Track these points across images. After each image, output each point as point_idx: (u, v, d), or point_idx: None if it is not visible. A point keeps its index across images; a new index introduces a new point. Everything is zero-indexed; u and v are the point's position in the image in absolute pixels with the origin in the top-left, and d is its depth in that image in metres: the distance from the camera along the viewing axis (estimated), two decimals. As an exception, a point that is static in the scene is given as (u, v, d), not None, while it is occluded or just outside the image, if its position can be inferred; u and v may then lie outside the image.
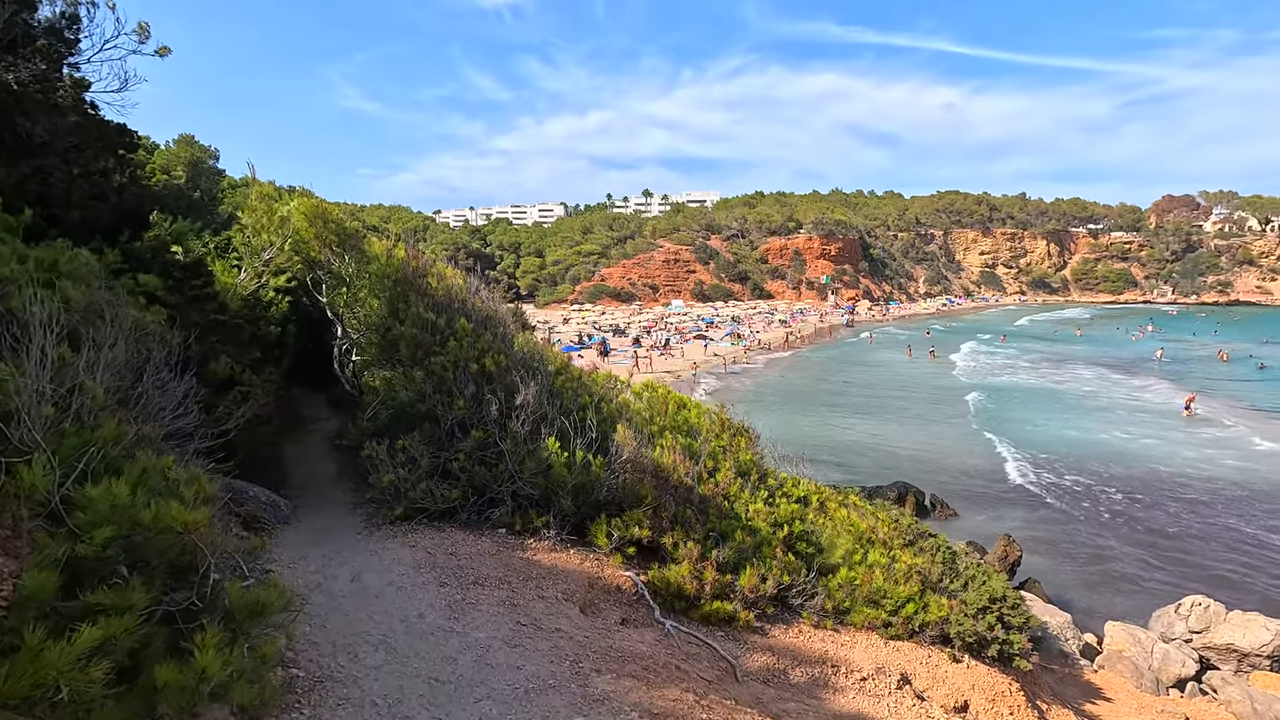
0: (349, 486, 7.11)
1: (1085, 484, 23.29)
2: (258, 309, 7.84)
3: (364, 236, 8.28)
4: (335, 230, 7.88)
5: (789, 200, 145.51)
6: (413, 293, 6.80)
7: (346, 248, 7.89)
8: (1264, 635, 10.53)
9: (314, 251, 7.98)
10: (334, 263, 7.95)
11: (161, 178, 14.73)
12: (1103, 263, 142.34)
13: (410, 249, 7.53)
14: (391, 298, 6.93)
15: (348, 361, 9.00)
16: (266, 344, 7.73)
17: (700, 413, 8.91)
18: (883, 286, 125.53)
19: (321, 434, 9.73)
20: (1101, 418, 34.12)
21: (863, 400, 38.27)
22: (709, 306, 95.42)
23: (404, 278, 6.91)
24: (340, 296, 8.38)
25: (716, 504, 6.85)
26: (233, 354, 6.51)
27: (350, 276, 7.99)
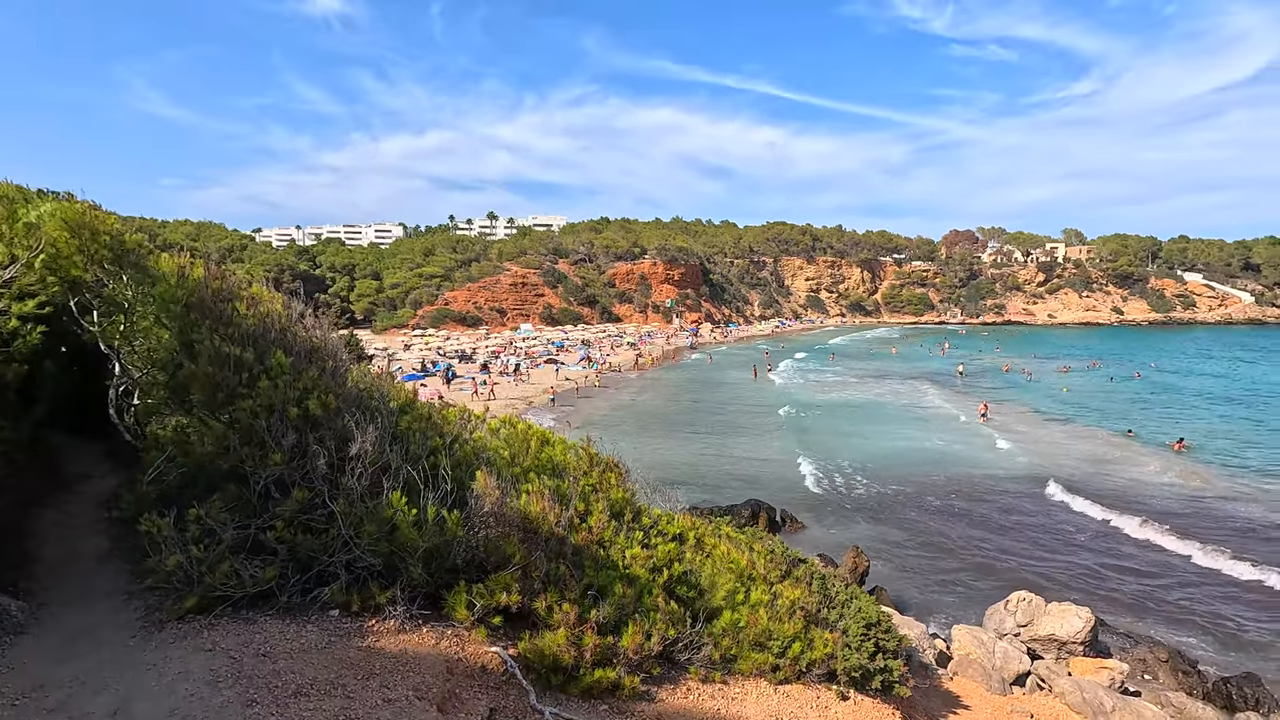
0: (123, 569, 5.56)
1: (911, 490, 25.33)
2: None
3: (149, 253, 6.69)
4: (108, 244, 6.27)
5: (634, 226, 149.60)
6: (211, 321, 5.47)
7: (124, 266, 6.30)
8: (1077, 623, 11.66)
9: (77, 270, 6.29)
10: (106, 284, 6.32)
11: None
12: (906, 288, 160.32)
13: (211, 268, 6.13)
14: (183, 327, 5.55)
15: (127, 406, 7.27)
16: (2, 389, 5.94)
17: (566, 449, 8.19)
18: (722, 310, 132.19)
19: (92, 497, 7.77)
20: (920, 427, 37.77)
21: (713, 419, 39.42)
22: (559, 330, 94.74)
23: (199, 302, 5.56)
24: (116, 326, 6.71)
25: (591, 553, 6.16)
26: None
27: (129, 301, 6.39)
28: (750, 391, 51.31)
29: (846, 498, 24.61)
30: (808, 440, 33.94)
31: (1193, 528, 21.08)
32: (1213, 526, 21.28)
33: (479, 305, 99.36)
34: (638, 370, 64.56)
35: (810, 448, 32.19)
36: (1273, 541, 19.93)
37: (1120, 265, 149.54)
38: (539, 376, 55.52)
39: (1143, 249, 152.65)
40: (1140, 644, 12.96)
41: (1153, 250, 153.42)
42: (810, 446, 32.45)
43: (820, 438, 34.56)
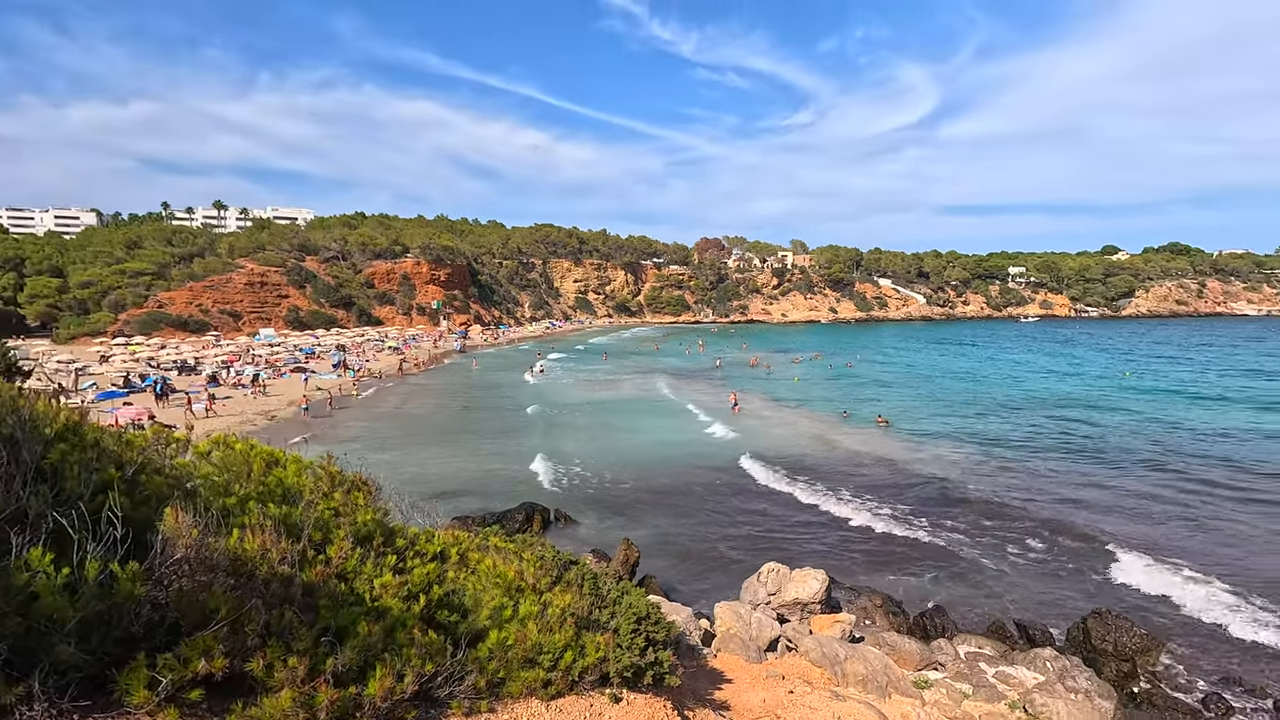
0: None
1: (674, 478, 26.92)
2: None
3: None
4: None
5: (394, 223, 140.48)
6: None
7: None
8: (815, 585, 13.12)
9: None
10: None
11: None
12: (665, 290, 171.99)
13: None
14: None
15: None
16: None
17: (300, 469, 7.02)
18: (492, 311, 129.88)
19: None
20: (680, 418, 40.47)
21: (485, 424, 38.23)
22: (308, 335, 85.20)
23: None
24: None
25: (330, 590, 5.26)
26: None
27: None
28: (523, 393, 50.85)
29: (618, 491, 25.35)
30: (580, 437, 34.47)
31: (897, 492, 25.27)
32: (911, 488, 25.72)
33: (205, 308, 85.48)
34: (402, 376, 60.49)
35: (582, 444, 32.71)
36: (957, 502, 24.66)
37: (834, 272, 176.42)
38: (284, 387, 49.25)
39: (850, 258, 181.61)
40: (862, 595, 15.09)
41: (857, 259, 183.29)
42: (582, 443, 32.97)
43: (591, 434, 35.32)
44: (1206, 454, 30.55)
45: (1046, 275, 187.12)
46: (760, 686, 8.78)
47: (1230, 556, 18.69)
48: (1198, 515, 22.16)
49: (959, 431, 36.35)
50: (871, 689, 9.46)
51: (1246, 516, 21.98)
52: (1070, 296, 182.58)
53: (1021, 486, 25.72)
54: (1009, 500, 23.95)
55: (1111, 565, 18.15)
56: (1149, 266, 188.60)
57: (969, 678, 10.98)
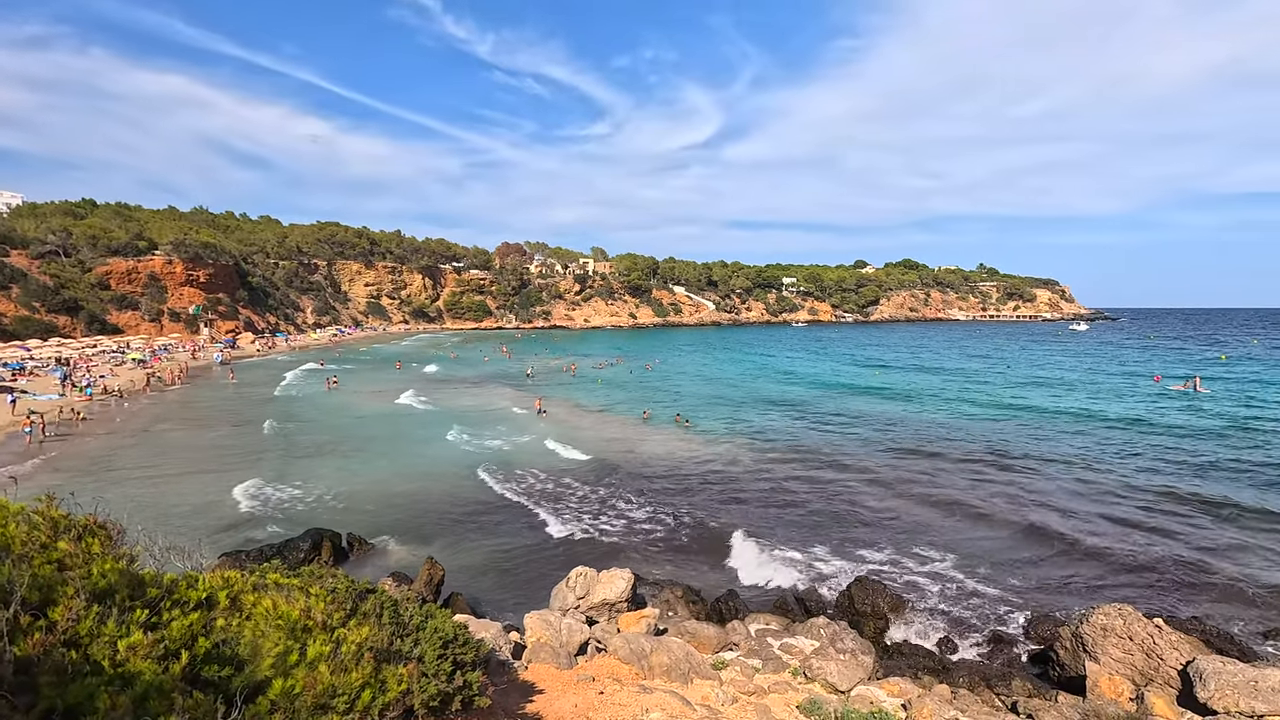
0: None
1: (485, 488, 26.20)
2: None
3: None
4: None
5: (136, 215, 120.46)
6: None
7: None
8: (621, 585, 13.54)
9: None
10: None
11: None
12: (466, 295, 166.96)
13: None
14: None
15: None
16: None
17: (7, 516, 5.73)
18: (267, 317, 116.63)
19: None
20: (490, 427, 39.44)
21: (258, 444, 34.06)
22: (15, 346, 69.56)
23: None
24: None
25: (54, 662, 4.34)
26: None
27: None
28: (301, 406, 46.13)
29: (418, 508, 24.04)
30: (371, 452, 32.12)
31: (694, 488, 26.96)
32: (706, 483, 27.59)
33: None
34: (148, 392, 51.80)
35: (373, 459, 30.52)
36: (750, 491, 26.85)
37: (633, 279, 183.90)
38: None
39: (647, 266, 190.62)
40: (665, 588, 15.87)
41: (653, 268, 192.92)
42: (373, 458, 30.76)
43: (384, 447, 33.08)
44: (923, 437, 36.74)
45: (812, 285, 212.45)
46: (572, 691, 8.85)
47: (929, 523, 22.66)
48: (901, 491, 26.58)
49: (747, 427, 39.80)
50: (675, 677, 9.99)
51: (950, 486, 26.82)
52: (831, 304, 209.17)
53: (801, 472, 28.85)
54: (790, 484, 26.75)
55: (872, 536, 21.07)
56: (889, 279, 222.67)
57: (759, 653, 12.06)
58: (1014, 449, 33.35)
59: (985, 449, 33.43)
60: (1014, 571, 18.43)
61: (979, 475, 28.49)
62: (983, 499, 25.03)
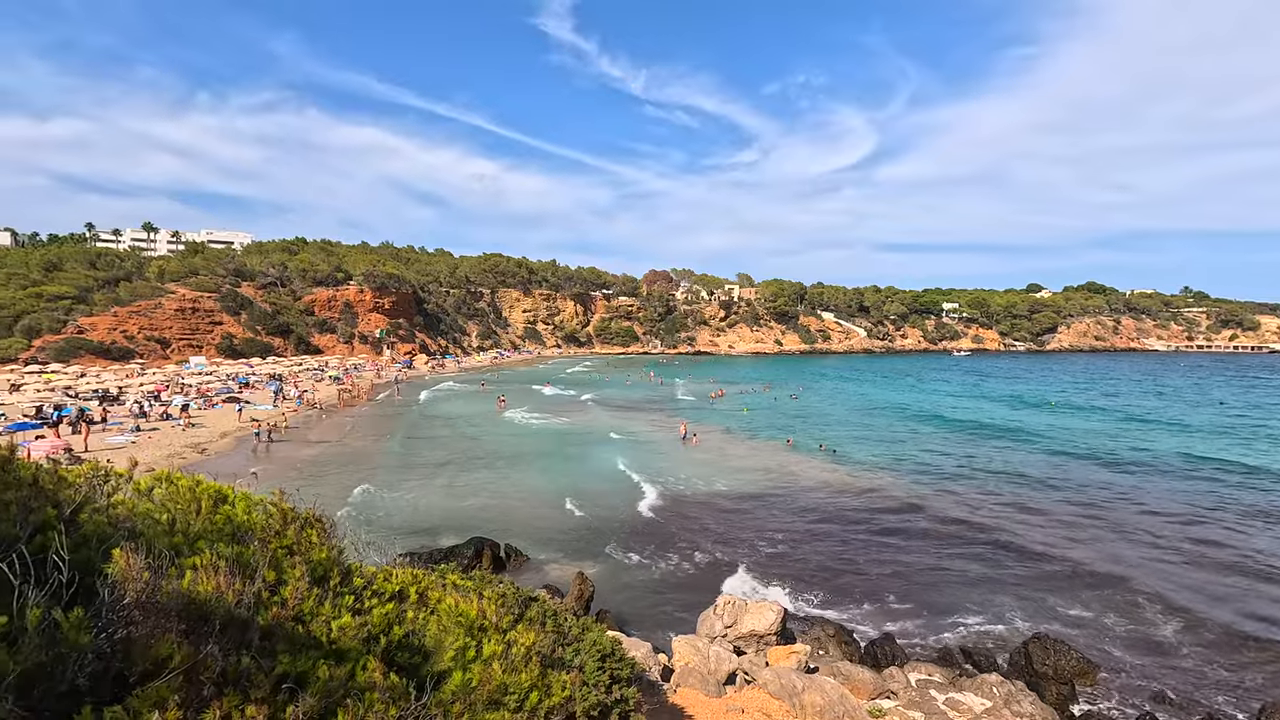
0: None
1: (631, 510, 26.77)
2: None
3: None
4: None
5: (336, 249, 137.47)
6: None
7: None
8: (770, 617, 13.20)
9: None
10: None
11: None
12: (615, 321, 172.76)
13: None
14: None
15: None
16: None
17: (250, 506, 6.75)
18: (438, 340, 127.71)
19: None
20: (640, 449, 40.37)
21: (433, 456, 37.29)
22: (242, 364, 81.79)
23: None
24: None
25: (287, 633, 5.04)
26: None
27: None
28: (471, 425, 49.90)
29: (570, 524, 25.03)
30: (530, 470, 33.97)
31: (842, 519, 25.76)
32: (857, 516, 26.26)
33: (130, 334, 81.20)
34: (343, 406, 58.59)
35: (533, 476, 32.23)
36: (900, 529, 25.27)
37: (779, 305, 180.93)
38: (215, 418, 47.00)
39: (793, 292, 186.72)
40: (816, 625, 15.24)
41: (800, 293, 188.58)
42: (533, 475, 32.50)
43: (542, 466, 34.85)
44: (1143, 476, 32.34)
45: (977, 311, 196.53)
46: (719, 718, 8.75)
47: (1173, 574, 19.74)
48: (1104, 529, 23.37)
49: (898, 459, 37.44)
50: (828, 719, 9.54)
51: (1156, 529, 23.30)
52: (999, 331, 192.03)
53: (961, 511, 26.60)
54: (950, 524, 24.73)
55: (1049, 589, 18.90)
56: (1069, 304, 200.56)
57: (921, 705, 11.19)
58: (1238, 507, 28.54)
59: (1198, 503, 28.90)
60: (1235, 650, 15.68)
61: (1192, 531, 24.65)
62: (1193, 559, 21.61)
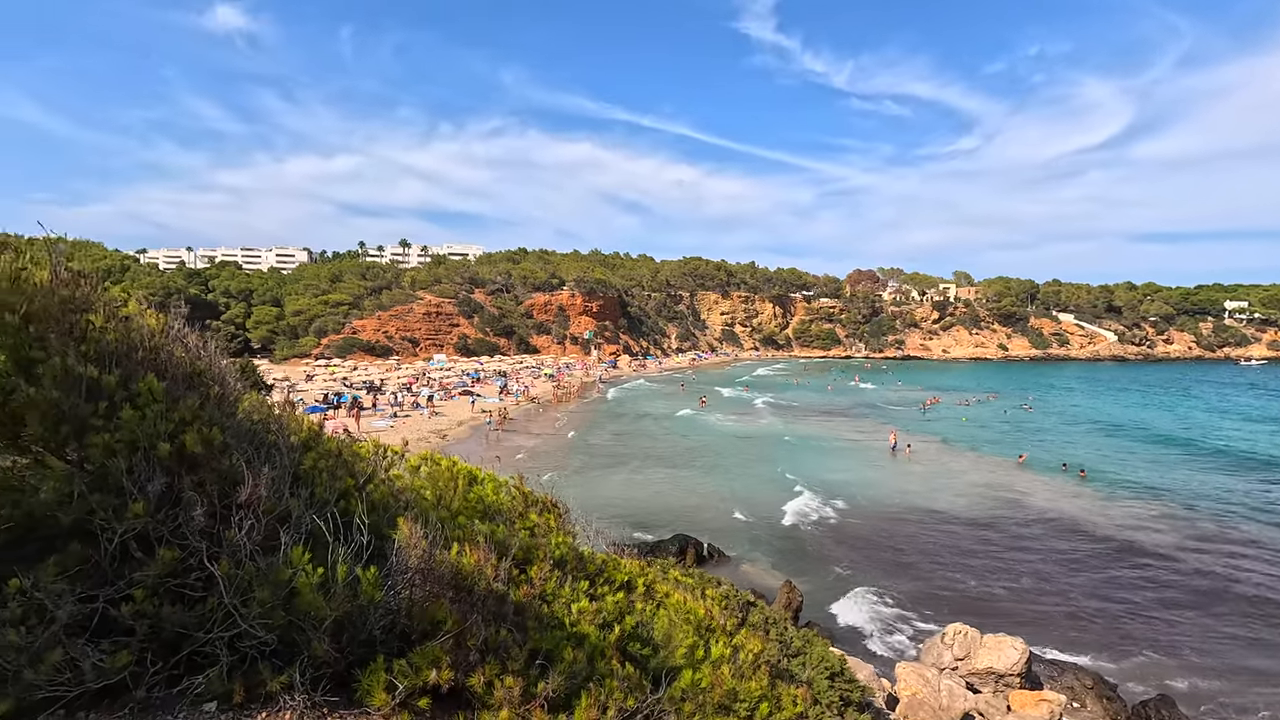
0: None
1: (842, 519, 25.49)
2: None
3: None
4: (-80, 239, 4.99)
5: (551, 258, 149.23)
6: (59, 335, 4.34)
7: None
8: (1013, 655, 11.63)
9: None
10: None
11: None
12: (815, 323, 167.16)
13: (60, 272, 4.96)
14: (18, 343, 4.37)
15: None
16: None
17: (497, 487, 7.30)
18: (640, 342, 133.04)
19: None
20: (844, 456, 38.55)
21: (640, 451, 38.79)
22: (474, 361, 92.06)
23: (42, 312, 4.41)
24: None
25: (535, 612, 5.31)
26: None
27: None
28: (676, 423, 51.15)
29: (771, 527, 24.46)
30: (734, 470, 33.87)
31: (1095, 554, 22.16)
32: (1114, 551, 22.45)
33: (390, 334, 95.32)
34: (558, 402, 63.31)
35: (735, 478, 32.08)
36: (1170, 573, 21.20)
37: (1004, 305, 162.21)
38: (452, 409, 53.32)
39: (1022, 291, 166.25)
40: (1067, 671, 13.15)
41: (1031, 292, 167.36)
42: (735, 476, 32.34)
43: (744, 468, 34.58)
44: None
45: (1275, 311, 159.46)
46: (961, 766, 7.79)
47: None
48: None
49: (1166, 491, 31.38)
50: (1097, 788, 8.08)
51: None
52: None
53: (1260, 565, 21.53)
54: (1227, 574, 20.11)
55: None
56: None
57: (1222, 791, 9.09)
58: None
59: None
60: None
61: None
62: None
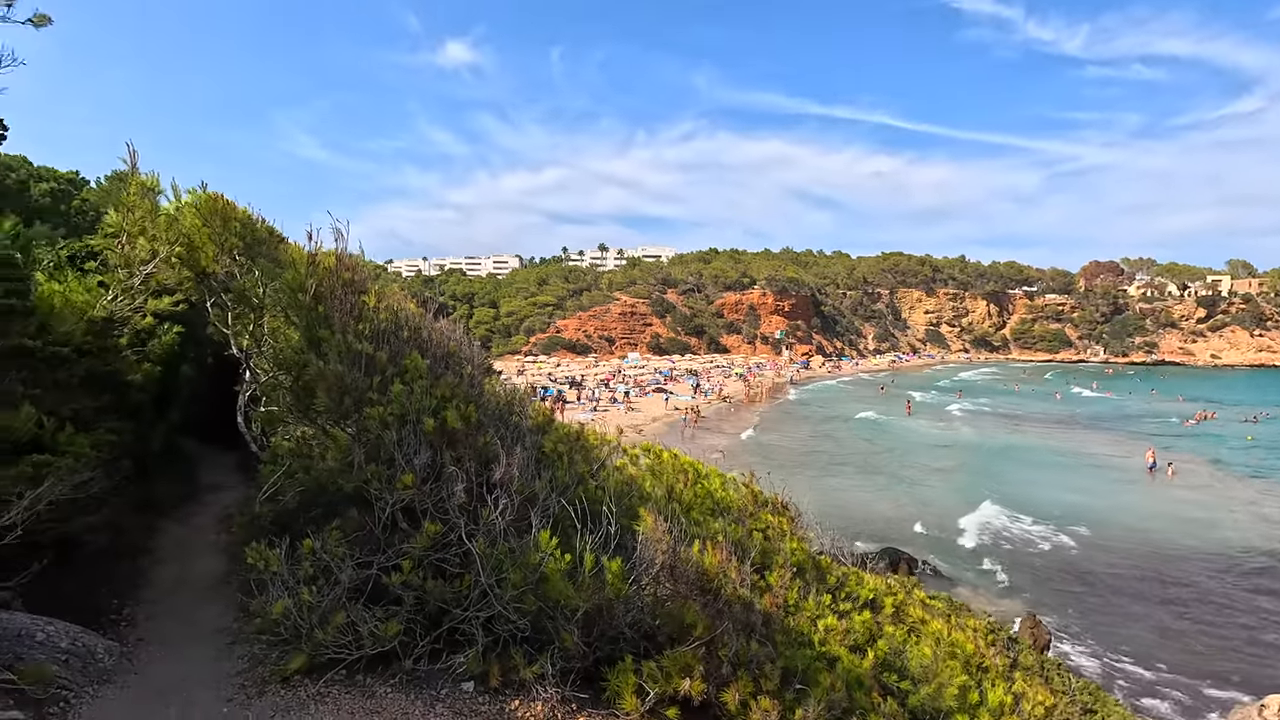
0: (234, 599, 4.78)
1: (1077, 549, 21.94)
2: (114, 339, 5.53)
3: (281, 242, 6.14)
4: (239, 233, 5.74)
5: (742, 257, 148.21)
6: (341, 315, 4.68)
7: (254, 256, 5.74)
8: (1375, 748, 8.83)
9: (206, 260, 5.79)
10: (236, 276, 5.77)
11: (44, 187, 12.28)
12: (1039, 322, 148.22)
13: (344, 257, 5.41)
14: (310, 321, 4.78)
15: (254, 414, 6.73)
16: (120, 387, 5.41)
17: (724, 482, 6.89)
18: (834, 342, 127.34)
19: (217, 511, 7.31)
20: (1089, 474, 33.38)
21: (839, 456, 36.84)
22: (666, 359, 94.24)
23: (329, 292, 4.79)
24: (245, 324, 6.15)
25: (779, 623, 4.77)
26: (53, 400, 4.22)
27: (259, 296, 5.80)
28: (876, 428, 47.96)
29: (992, 548, 21.66)
30: (952, 482, 30.76)
31: None
32: None
33: (589, 333, 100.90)
34: (749, 402, 62.47)
35: (949, 491, 29.06)
36: None
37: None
38: (647, 405, 54.76)
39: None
40: None
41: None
42: (951, 490, 29.30)
43: (965, 479, 31.24)
44: None
45: None
46: None
47: None
48: None
49: None
50: None
51: None
52: None
53: None
54: None
55: None
56: None
57: None
58: None
59: None
60: None
61: None
62: None
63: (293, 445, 5.03)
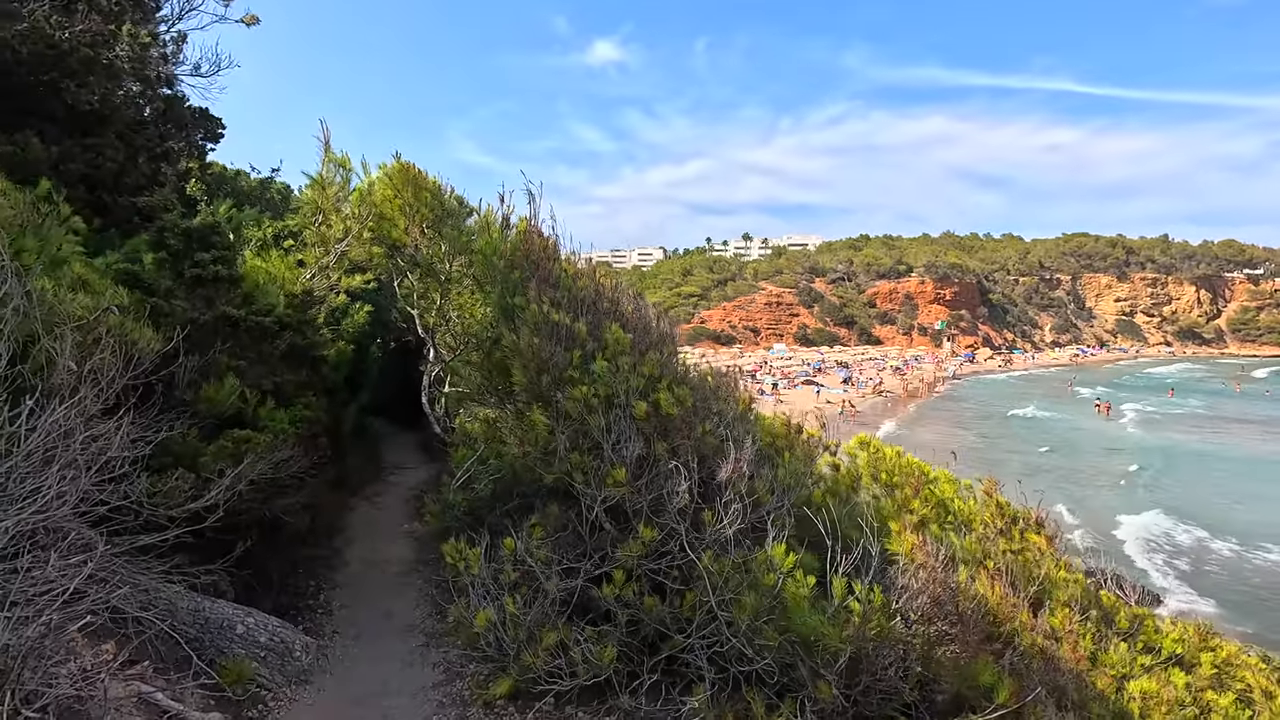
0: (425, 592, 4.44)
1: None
2: (312, 315, 5.44)
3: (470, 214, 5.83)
4: (430, 203, 5.46)
5: (897, 243, 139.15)
6: (536, 282, 4.16)
7: (441, 229, 5.44)
8: None
9: (397, 233, 5.58)
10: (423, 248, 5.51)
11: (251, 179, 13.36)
12: (1265, 311, 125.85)
13: (536, 225, 4.92)
14: (504, 290, 4.31)
15: (438, 394, 6.52)
16: (317, 363, 5.29)
17: (956, 488, 5.72)
18: (1004, 334, 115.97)
19: (402, 492, 7.27)
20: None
21: (1014, 461, 33.03)
22: (814, 351, 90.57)
23: (525, 257, 4.29)
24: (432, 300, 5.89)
25: (1083, 682, 3.62)
26: (255, 373, 4.03)
27: (447, 269, 5.49)
28: (1057, 431, 42.62)
29: (1214, 576, 18.09)
30: (1160, 499, 26.41)
31: None
32: None
33: (733, 324, 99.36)
34: (906, 397, 58.20)
35: (1167, 508, 24.88)
36: None
37: None
38: (797, 398, 52.60)
39: None
40: None
41: None
42: (1166, 507, 25.09)
43: (1166, 493, 26.69)
44: None
45: None
46: None
47: None
48: None
49: None
50: None
51: None
52: None
53: None
54: None
55: None
56: None
57: None
58: None
59: None
60: None
61: None
62: None
63: (483, 427, 4.61)
